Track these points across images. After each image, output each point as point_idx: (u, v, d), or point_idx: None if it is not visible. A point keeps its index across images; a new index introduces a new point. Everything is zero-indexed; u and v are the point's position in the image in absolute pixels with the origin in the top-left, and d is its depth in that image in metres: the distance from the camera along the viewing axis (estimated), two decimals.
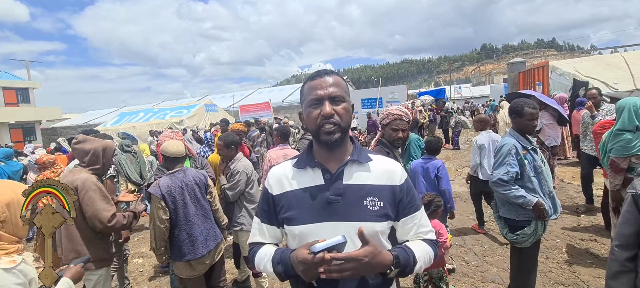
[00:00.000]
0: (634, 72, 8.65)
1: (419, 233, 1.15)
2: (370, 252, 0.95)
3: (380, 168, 1.11)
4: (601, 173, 5.93)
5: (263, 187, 1.20)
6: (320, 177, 1.09)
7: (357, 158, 1.09)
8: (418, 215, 1.14)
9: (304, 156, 1.14)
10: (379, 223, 1.06)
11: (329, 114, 1.02)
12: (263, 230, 1.19)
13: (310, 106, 1.06)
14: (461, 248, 3.97)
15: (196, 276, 2.49)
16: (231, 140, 3.10)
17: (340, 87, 1.06)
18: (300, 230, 1.07)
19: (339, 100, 1.05)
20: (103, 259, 2.42)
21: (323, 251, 0.93)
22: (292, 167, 1.14)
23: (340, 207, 1.05)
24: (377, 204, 1.06)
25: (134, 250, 4.80)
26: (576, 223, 4.39)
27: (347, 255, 0.93)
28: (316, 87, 1.05)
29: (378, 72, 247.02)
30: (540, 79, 11.06)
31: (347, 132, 1.09)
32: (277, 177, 1.15)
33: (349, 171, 1.09)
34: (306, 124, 1.09)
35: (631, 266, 1.29)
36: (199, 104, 16.41)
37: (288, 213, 1.10)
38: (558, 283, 3.10)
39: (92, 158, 2.42)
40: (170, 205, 2.37)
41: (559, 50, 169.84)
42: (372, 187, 1.08)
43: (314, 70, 1.19)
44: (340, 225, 1.04)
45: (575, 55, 44.20)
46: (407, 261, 1.04)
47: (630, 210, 1.30)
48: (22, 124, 23.91)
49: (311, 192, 1.08)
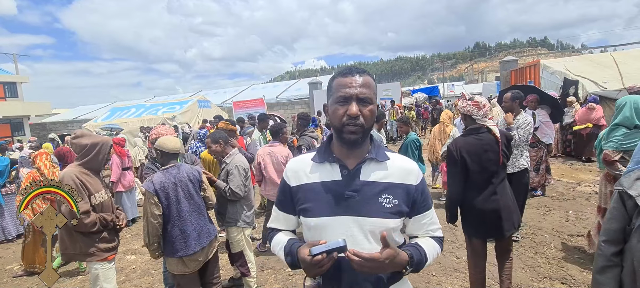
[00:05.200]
0: (623, 72, 8.82)
1: (428, 230, 1.19)
2: (391, 254, 0.98)
3: (397, 167, 1.13)
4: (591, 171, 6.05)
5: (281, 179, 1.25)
6: (337, 173, 1.11)
7: (375, 156, 1.11)
8: (429, 214, 1.18)
9: (323, 150, 1.16)
10: (392, 220, 1.08)
11: (355, 114, 1.02)
12: (280, 218, 1.25)
13: (336, 102, 1.06)
14: (453, 244, 4.02)
15: (189, 273, 2.49)
16: (218, 136, 3.08)
17: (370, 88, 1.06)
18: (315, 222, 1.10)
19: (367, 102, 1.04)
20: (88, 253, 2.45)
21: (322, 253, 0.95)
22: (311, 161, 1.17)
23: (355, 203, 1.07)
24: (391, 202, 1.08)
25: (126, 247, 4.76)
26: (565, 219, 4.48)
27: (369, 256, 0.96)
28: (345, 84, 1.05)
29: (372, 69, 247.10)
30: (531, 77, 11.20)
31: (368, 134, 1.10)
32: (295, 170, 1.18)
33: (367, 169, 1.11)
34: (330, 120, 1.10)
35: (617, 260, 1.32)
36: (192, 99, 16.24)
37: (305, 205, 1.13)
38: (546, 278, 3.17)
39: (86, 151, 2.49)
40: (163, 201, 2.36)
41: (551, 49, 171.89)
42: (388, 184, 1.09)
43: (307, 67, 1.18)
44: (355, 219, 1.07)
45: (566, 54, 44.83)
46: (420, 259, 1.09)
47: (617, 207, 1.34)
48: (9, 118, 23.41)
49: (328, 186, 1.10)
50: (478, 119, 2.43)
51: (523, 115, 3.73)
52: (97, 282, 2.52)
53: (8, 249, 5.20)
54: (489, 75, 53.39)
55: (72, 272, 4.15)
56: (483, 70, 65.72)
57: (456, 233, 4.30)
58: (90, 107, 27.54)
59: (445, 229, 4.44)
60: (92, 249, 2.46)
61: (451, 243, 4.05)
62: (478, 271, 2.55)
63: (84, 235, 2.44)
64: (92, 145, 2.50)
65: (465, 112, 2.48)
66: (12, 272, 4.33)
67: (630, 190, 1.28)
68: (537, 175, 5.30)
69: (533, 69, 11.43)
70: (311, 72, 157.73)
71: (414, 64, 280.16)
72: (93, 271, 2.51)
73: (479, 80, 49.00)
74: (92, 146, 2.50)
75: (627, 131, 2.94)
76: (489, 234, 2.48)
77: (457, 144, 2.45)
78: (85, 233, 2.43)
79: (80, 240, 2.44)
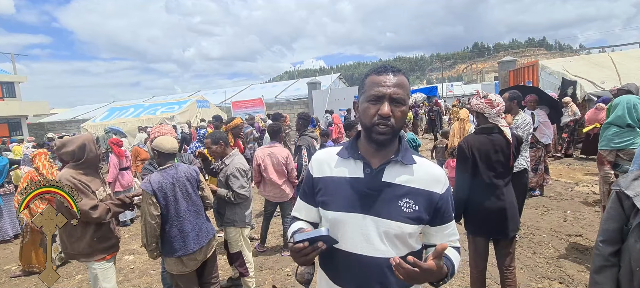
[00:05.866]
0: (621, 72, 8.84)
1: (449, 241, 1.16)
2: (440, 266, 0.93)
3: (424, 172, 1.10)
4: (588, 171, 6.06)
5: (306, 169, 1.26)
6: (361, 170, 1.10)
7: (401, 159, 1.08)
8: (451, 224, 1.16)
9: (349, 146, 1.15)
10: (410, 225, 1.05)
11: (387, 115, 0.99)
12: (301, 208, 1.26)
13: (368, 101, 1.03)
14: None
15: (187, 272, 2.48)
16: (217, 136, 3.07)
17: (404, 88, 1.03)
18: (332, 216, 1.10)
19: (400, 102, 1.02)
20: (89, 253, 2.46)
21: (304, 241, 0.94)
22: (336, 155, 1.16)
23: (374, 202, 1.06)
24: (412, 207, 1.05)
25: (124, 247, 4.75)
26: (563, 219, 4.49)
27: (428, 266, 0.89)
28: (379, 83, 1.02)
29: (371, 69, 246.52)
30: (530, 77, 11.23)
31: (397, 134, 1.08)
32: (320, 161, 1.19)
33: (391, 170, 1.08)
34: (360, 117, 1.08)
35: (614, 260, 1.33)
36: (191, 99, 16.22)
37: (324, 197, 1.13)
38: (544, 277, 3.18)
39: (78, 155, 2.50)
40: (161, 201, 2.35)
41: (549, 50, 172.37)
42: (410, 189, 1.06)
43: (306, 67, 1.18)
44: (371, 219, 1.05)
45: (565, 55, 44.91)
46: (452, 273, 1.07)
47: (614, 207, 1.34)
48: (7, 118, 23.32)
49: (350, 182, 1.09)
50: (490, 117, 2.39)
51: (522, 115, 3.74)
52: (96, 282, 2.52)
53: (6, 249, 5.18)
54: (488, 76, 53.53)
55: (70, 272, 4.14)
56: (482, 71, 65.85)
57: None
58: (89, 107, 27.47)
59: None
60: (91, 249, 2.46)
61: None
62: (479, 271, 2.53)
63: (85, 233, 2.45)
64: (80, 148, 2.50)
65: (477, 110, 2.44)
66: (10, 272, 4.31)
67: (627, 190, 1.28)
68: (536, 176, 5.31)
69: (531, 69, 11.45)
70: (310, 72, 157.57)
71: (412, 64, 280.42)
72: (92, 271, 2.51)
73: (478, 81, 49.10)
74: (80, 149, 2.50)
75: (618, 130, 2.96)
76: (493, 233, 2.46)
77: (468, 141, 2.42)
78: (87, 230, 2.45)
79: (79, 240, 2.44)
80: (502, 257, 2.51)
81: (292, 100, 18.60)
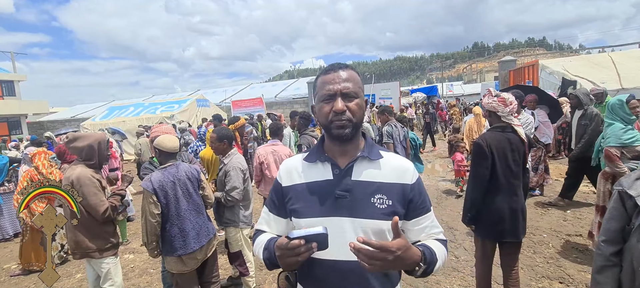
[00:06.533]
0: (621, 72, 8.85)
1: (431, 234, 1.12)
2: (403, 244, 0.89)
3: (391, 165, 1.09)
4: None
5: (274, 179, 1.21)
6: (329, 172, 1.08)
7: (367, 155, 1.07)
8: (430, 216, 1.12)
9: (315, 150, 1.14)
10: (386, 221, 1.02)
11: (340, 110, 1.00)
12: (269, 220, 1.20)
13: (322, 101, 1.04)
14: (451, 243, 4.03)
15: (188, 271, 2.48)
16: (224, 134, 3.05)
17: (354, 82, 1.04)
18: (306, 223, 1.06)
19: (352, 96, 1.02)
20: (104, 249, 2.53)
21: (300, 238, 0.89)
22: (303, 160, 1.14)
23: (347, 203, 1.03)
24: (385, 202, 1.04)
25: (124, 246, 4.74)
26: (563, 219, 4.49)
27: (380, 244, 0.86)
28: (329, 81, 1.03)
29: (371, 68, 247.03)
30: (530, 77, 11.23)
31: (359, 128, 1.08)
32: (288, 169, 1.16)
33: (359, 167, 1.07)
34: (318, 118, 1.08)
35: (616, 260, 1.33)
36: (191, 98, 16.21)
37: (296, 205, 1.10)
38: (545, 277, 3.18)
39: (88, 153, 2.53)
40: (162, 200, 2.35)
41: (549, 49, 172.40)
42: (381, 184, 1.05)
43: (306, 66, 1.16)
44: (347, 221, 1.03)
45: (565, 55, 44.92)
46: (432, 259, 1.01)
47: (616, 207, 1.34)
48: (7, 117, 23.30)
49: (320, 186, 1.08)
50: (503, 116, 2.33)
51: (524, 115, 3.74)
52: (108, 276, 2.57)
53: (5, 248, 5.17)
54: (488, 75, 53.53)
55: (70, 271, 4.13)
56: (482, 70, 65.85)
57: (454, 233, 4.30)
58: (88, 106, 27.43)
59: (444, 229, 4.42)
60: (108, 244, 2.54)
61: (450, 242, 4.05)
62: (486, 272, 2.47)
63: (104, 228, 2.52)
64: (91, 146, 2.52)
65: (490, 109, 2.37)
66: (10, 271, 4.31)
67: (630, 190, 1.28)
68: (536, 175, 5.32)
69: (531, 69, 11.46)
70: (310, 71, 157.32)
71: (412, 63, 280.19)
72: (103, 266, 2.55)
73: (478, 80, 49.10)
74: (90, 147, 2.52)
75: (624, 126, 2.98)
76: (505, 235, 2.35)
77: (486, 138, 2.32)
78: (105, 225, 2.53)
79: (101, 236, 2.50)
80: (508, 258, 2.45)
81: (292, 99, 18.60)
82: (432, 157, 9.62)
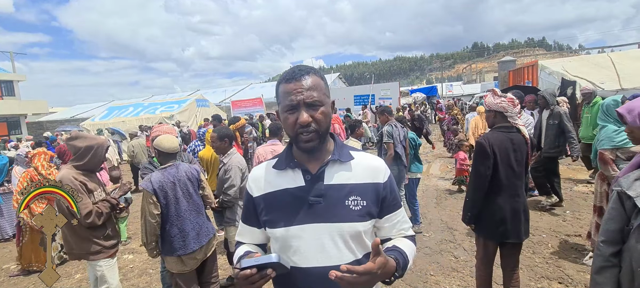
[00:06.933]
0: (620, 72, 8.85)
1: (401, 230, 1.13)
2: (383, 263, 0.89)
3: (363, 166, 1.07)
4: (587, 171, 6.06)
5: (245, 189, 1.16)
6: (300, 178, 1.05)
7: (338, 157, 1.05)
8: (400, 212, 1.13)
9: (284, 156, 1.09)
10: (361, 223, 1.02)
11: (305, 122, 0.95)
12: (244, 232, 1.19)
13: (286, 111, 0.99)
14: (450, 243, 4.03)
15: (187, 271, 2.48)
16: (225, 133, 3.06)
17: (318, 89, 0.98)
18: (281, 233, 1.03)
19: (317, 105, 0.97)
20: (94, 252, 2.46)
21: (251, 268, 0.86)
22: (272, 168, 1.10)
23: (321, 208, 1.01)
24: (359, 203, 1.03)
25: (123, 246, 4.74)
26: (562, 219, 4.50)
27: (363, 269, 0.85)
28: (291, 91, 0.97)
29: (370, 68, 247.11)
30: (529, 77, 11.24)
31: (326, 136, 1.04)
32: (257, 179, 1.11)
33: (330, 171, 1.05)
34: (284, 128, 1.04)
35: (615, 261, 1.33)
36: (190, 98, 16.21)
37: (269, 215, 1.06)
38: (544, 277, 3.18)
39: (83, 153, 2.48)
40: (161, 201, 2.35)
41: (548, 50, 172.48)
42: (354, 186, 1.04)
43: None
44: (323, 226, 1.01)
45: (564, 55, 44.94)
46: (405, 264, 1.02)
47: (615, 207, 1.34)
48: (6, 117, 23.28)
49: (292, 193, 1.04)
50: (512, 116, 2.32)
51: (523, 115, 3.75)
52: (103, 280, 2.52)
53: (5, 249, 5.17)
54: (487, 76, 53.52)
55: (70, 271, 4.13)
56: (481, 71, 65.89)
57: (454, 233, 4.30)
58: (88, 106, 27.44)
59: (443, 229, 4.45)
60: (97, 247, 2.47)
61: (449, 243, 4.06)
62: (487, 273, 2.47)
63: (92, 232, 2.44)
64: (87, 148, 2.48)
65: (499, 109, 2.34)
66: (9, 272, 4.31)
67: (629, 190, 1.28)
68: None
69: (531, 69, 11.47)
70: None
71: (412, 63, 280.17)
72: (97, 269, 2.50)
73: (477, 81, 49.13)
74: (86, 149, 2.48)
75: (617, 128, 2.98)
76: (507, 236, 2.34)
77: (488, 138, 2.31)
78: (93, 230, 2.44)
79: (87, 239, 2.44)
80: (509, 259, 2.45)
81: None
82: (432, 157, 9.62)
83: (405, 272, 1.02)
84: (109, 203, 2.54)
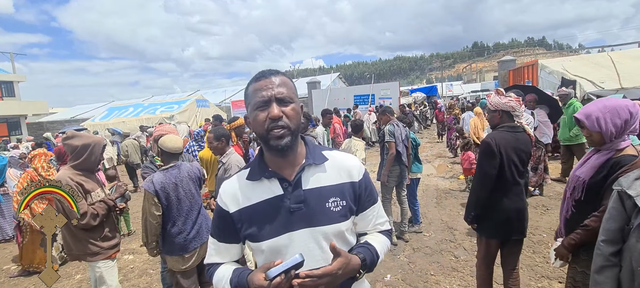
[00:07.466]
0: (620, 72, 8.85)
1: (376, 224, 1.15)
2: (343, 263, 0.94)
3: (338, 166, 1.08)
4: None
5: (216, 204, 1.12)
6: (278, 187, 1.03)
7: (313, 161, 1.05)
8: (376, 207, 1.15)
9: (257, 166, 1.07)
10: (343, 222, 1.05)
11: (277, 116, 0.95)
12: (221, 250, 1.12)
13: (256, 109, 0.98)
14: (451, 243, 4.03)
15: (188, 269, 2.49)
16: (221, 133, 3.07)
17: (288, 87, 1.00)
18: (267, 245, 1.02)
19: (287, 102, 0.98)
20: (92, 253, 2.44)
21: (280, 274, 0.87)
22: (246, 180, 1.07)
23: (303, 214, 1.01)
24: (339, 204, 1.04)
25: (124, 246, 4.74)
26: None
27: (322, 272, 0.90)
28: (262, 88, 0.97)
29: (370, 68, 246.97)
30: (529, 77, 11.24)
31: (298, 135, 1.04)
32: (231, 193, 1.07)
33: (306, 175, 1.04)
34: (254, 129, 1.01)
35: (615, 260, 1.33)
36: (190, 99, 16.22)
37: (250, 229, 1.04)
38: (544, 277, 3.18)
39: (79, 152, 2.47)
40: (163, 202, 2.35)
41: (548, 49, 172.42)
42: (332, 187, 1.05)
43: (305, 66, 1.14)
44: (308, 232, 1.02)
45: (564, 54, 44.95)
46: (372, 260, 1.05)
47: (616, 207, 1.34)
48: (6, 118, 23.30)
49: (271, 204, 1.03)
50: (518, 115, 2.34)
51: (525, 115, 3.74)
52: (102, 281, 2.51)
53: (5, 249, 5.17)
54: (487, 75, 53.54)
55: (70, 272, 4.13)
56: (481, 70, 65.90)
57: (454, 233, 4.30)
58: (88, 106, 27.46)
59: (443, 228, 4.44)
60: (95, 249, 2.45)
61: (449, 242, 4.05)
62: (488, 272, 2.48)
63: (88, 234, 2.43)
64: (83, 147, 2.47)
65: (507, 108, 2.33)
66: (9, 272, 4.31)
67: (629, 190, 1.28)
68: (535, 175, 5.32)
69: (531, 68, 11.47)
70: (309, 71, 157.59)
71: (412, 63, 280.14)
72: (96, 270, 2.49)
73: (477, 80, 49.14)
74: (83, 148, 2.47)
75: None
76: (511, 234, 2.35)
77: (495, 138, 2.30)
78: (89, 231, 2.42)
79: (84, 241, 2.43)
80: (510, 257, 2.45)
81: None
82: (432, 156, 9.62)
83: (374, 266, 1.07)
84: (106, 204, 2.52)
